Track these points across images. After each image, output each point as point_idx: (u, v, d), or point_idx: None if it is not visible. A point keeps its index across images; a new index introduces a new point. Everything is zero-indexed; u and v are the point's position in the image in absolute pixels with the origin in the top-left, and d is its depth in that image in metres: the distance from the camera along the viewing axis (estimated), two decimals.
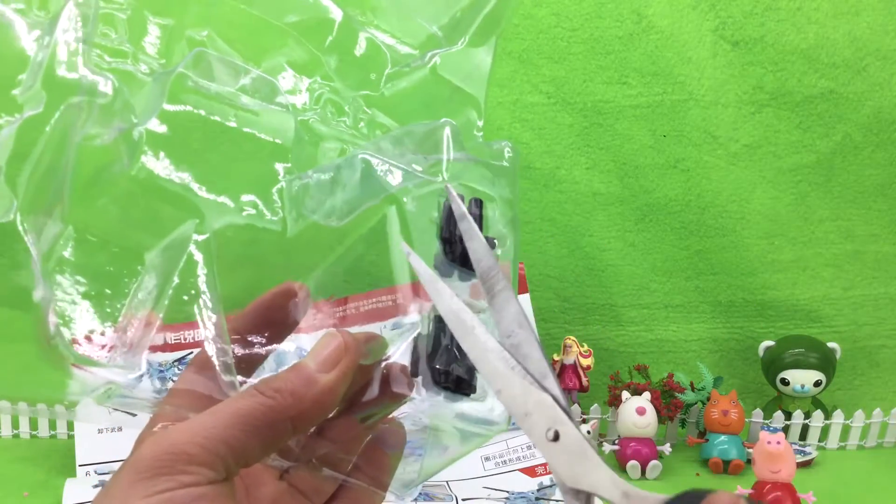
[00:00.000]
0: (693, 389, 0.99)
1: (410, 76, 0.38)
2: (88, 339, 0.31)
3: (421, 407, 0.34)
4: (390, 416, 0.36)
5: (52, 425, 1.00)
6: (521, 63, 1.08)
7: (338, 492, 0.37)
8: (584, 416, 0.99)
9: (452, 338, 0.32)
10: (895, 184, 1.09)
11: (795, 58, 1.06)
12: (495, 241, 0.35)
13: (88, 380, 0.31)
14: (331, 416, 0.33)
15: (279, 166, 0.34)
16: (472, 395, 0.33)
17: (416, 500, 0.79)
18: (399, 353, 0.33)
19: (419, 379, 0.33)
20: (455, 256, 0.33)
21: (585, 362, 1.02)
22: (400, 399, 0.34)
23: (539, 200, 1.10)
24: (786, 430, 1.01)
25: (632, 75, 1.08)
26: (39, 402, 0.89)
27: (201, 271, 0.32)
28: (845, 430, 1.03)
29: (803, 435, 1.03)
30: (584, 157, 1.10)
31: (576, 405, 1.00)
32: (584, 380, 1.02)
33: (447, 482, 0.86)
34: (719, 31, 1.07)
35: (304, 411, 0.30)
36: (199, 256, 0.32)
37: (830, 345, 1.04)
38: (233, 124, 0.34)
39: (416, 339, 0.33)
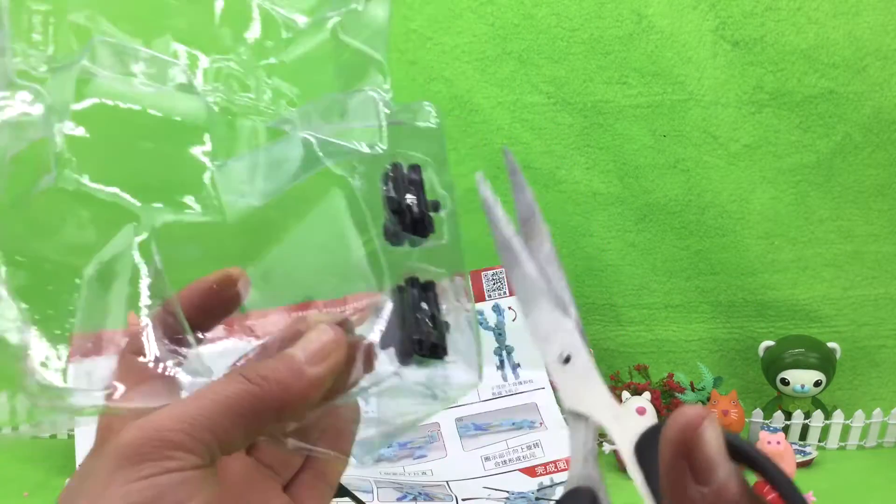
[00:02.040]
0: (693, 389, 0.99)
1: (309, 40, 0.37)
2: (43, 367, 0.30)
3: (386, 377, 0.34)
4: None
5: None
6: (521, 63, 1.08)
7: (304, 463, 0.37)
8: None
9: (416, 307, 0.32)
10: (895, 184, 1.09)
11: (795, 58, 1.06)
12: (438, 202, 0.35)
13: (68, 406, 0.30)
14: None
15: (201, 151, 0.33)
16: (444, 359, 0.33)
17: (416, 499, 0.79)
18: (375, 334, 0.33)
19: (390, 350, 0.33)
20: (406, 226, 0.33)
21: None
22: (367, 378, 0.34)
23: (539, 200, 1.10)
24: (786, 430, 1.01)
25: (632, 75, 1.08)
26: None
27: (147, 273, 0.31)
28: (845, 430, 1.03)
29: (803, 435, 1.03)
30: (584, 157, 1.10)
31: None
32: None
33: (447, 482, 0.86)
34: (719, 31, 1.07)
35: (290, 402, 0.30)
36: (142, 258, 0.31)
37: (830, 345, 1.04)
38: (147, 113, 0.32)
39: (385, 311, 0.33)
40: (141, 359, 0.31)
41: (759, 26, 1.06)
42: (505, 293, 1.03)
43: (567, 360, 0.31)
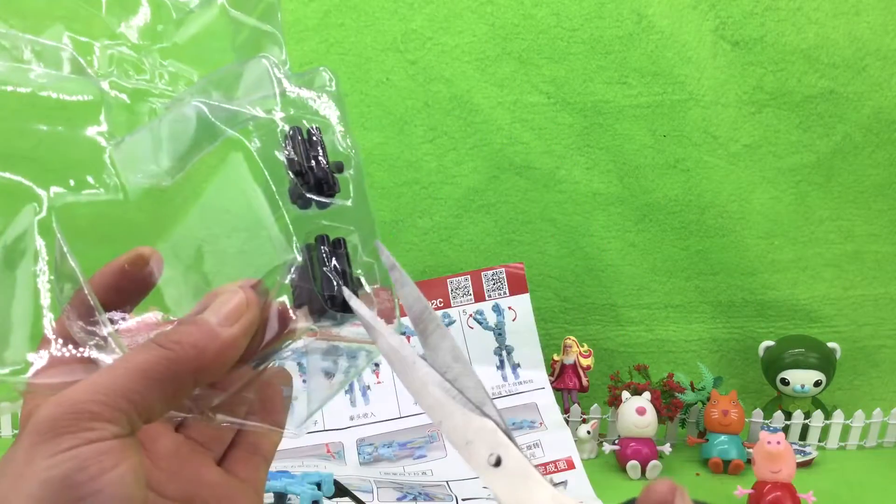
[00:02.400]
0: (693, 389, 1.00)
1: (199, 20, 0.37)
2: None
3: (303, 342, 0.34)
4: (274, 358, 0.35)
5: None
6: (521, 63, 1.08)
7: (236, 437, 0.37)
8: (585, 417, 0.99)
9: (325, 263, 0.33)
10: (895, 184, 1.09)
11: (795, 58, 1.06)
12: (342, 163, 0.35)
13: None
14: None
15: (97, 131, 0.33)
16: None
17: (416, 499, 0.79)
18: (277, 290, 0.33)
19: (304, 308, 0.33)
20: (310, 187, 0.33)
21: (585, 362, 1.02)
22: (287, 339, 0.34)
23: (539, 200, 1.10)
24: (786, 430, 1.01)
25: (632, 75, 1.08)
26: None
27: (51, 253, 0.31)
28: (845, 430, 1.03)
29: (803, 435, 1.03)
30: (584, 157, 1.10)
31: (576, 405, 1.00)
32: (584, 380, 1.02)
33: (447, 482, 0.86)
34: (719, 31, 1.07)
35: (206, 364, 0.30)
36: (44, 239, 0.30)
37: (830, 345, 1.04)
38: (38, 96, 0.32)
39: (296, 271, 0.33)
40: (56, 341, 0.30)
41: (759, 26, 1.06)
42: (505, 293, 1.03)
43: (497, 462, 0.29)
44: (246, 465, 0.37)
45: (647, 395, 0.95)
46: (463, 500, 0.81)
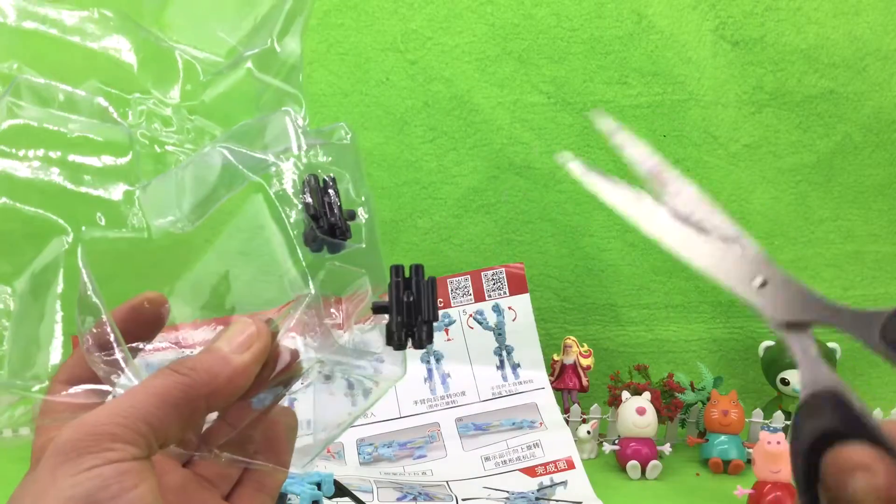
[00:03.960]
0: (693, 389, 1.00)
1: (226, 81, 0.39)
2: None
3: (312, 357, 0.35)
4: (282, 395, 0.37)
5: None
6: (521, 63, 1.08)
7: (243, 475, 0.38)
8: (585, 417, 0.99)
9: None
10: (895, 184, 1.09)
11: (795, 58, 1.06)
12: (354, 211, 0.37)
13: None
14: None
15: (126, 172, 0.35)
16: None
17: (416, 499, 0.79)
18: (291, 323, 0.34)
19: (311, 342, 0.34)
20: (324, 230, 0.35)
21: (585, 362, 1.02)
22: (294, 373, 0.35)
23: (539, 200, 1.10)
24: (786, 430, 1.01)
25: (632, 75, 1.08)
26: None
27: (76, 284, 0.32)
28: None
29: None
30: (584, 157, 1.10)
31: (576, 405, 1.00)
32: (584, 380, 1.02)
33: (447, 482, 0.86)
34: (719, 31, 1.07)
35: (219, 389, 0.31)
36: (70, 270, 0.33)
37: (830, 345, 1.04)
38: (70, 140, 0.34)
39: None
40: (74, 369, 0.32)
41: (759, 26, 1.06)
42: (505, 293, 1.03)
43: (763, 283, 0.34)
44: (251, 501, 0.38)
45: (647, 395, 0.95)
46: (463, 500, 0.81)
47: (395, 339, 0.35)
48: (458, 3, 1.07)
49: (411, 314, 0.35)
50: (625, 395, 0.95)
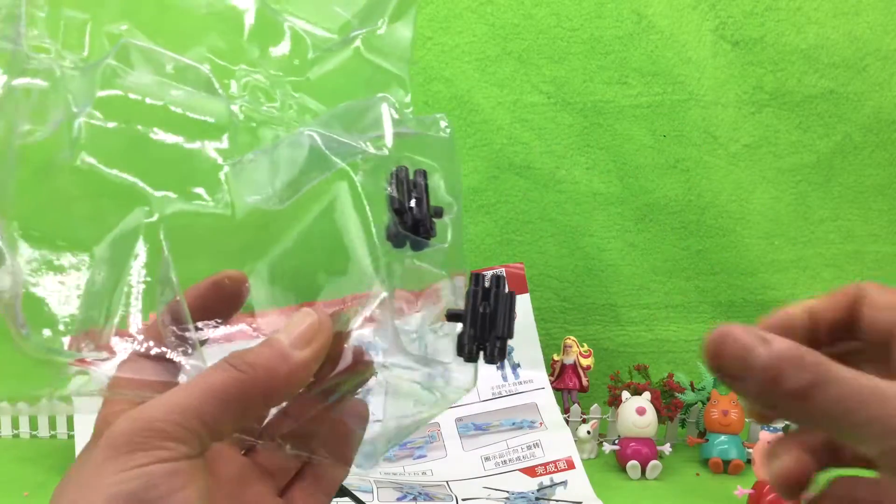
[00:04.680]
0: (693, 389, 0.99)
1: (334, 59, 0.38)
2: (50, 331, 0.31)
3: (383, 366, 0.34)
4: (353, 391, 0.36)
5: (53, 425, 1.00)
6: (521, 63, 1.08)
7: (301, 469, 0.37)
8: (584, 416, 0.99)
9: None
10: (895, 184, 1.09)
11: (795, 58, 1.06)
12: (441, 208, 0.36)
13: (65, 368, 0.31)
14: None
15: (218, 151, 0.34)
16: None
17: (416, 499, 0.79)
18: (359, 324, 0.34)
19: (380, 345, 0.34)
20: (407, 226, 0.34)
21: (585, 362, 1.02)
22: (361, 373, 0.34)
23: (539, 200, 1.10)
24: (786, 430, 1.01)
25: (632, 75, 1.08)
26: (35, 399, 0.89)
27: (154, 256, 0.32)
28: None
29: None
30: (584, 157, 1.10)
31: (576, 405, 1.00)
32: (584, 380, 1.02)
33: (447, 482, 0.86)
34: (719, 31, 1.07)
35: (277, 387, 0.30)
36: (150, 242, 0.32)
37: None
38: (168, 109, 0.34)
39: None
40: (142, 339, 0.32)
41: (759, 26, 1.06)
42: None
43: None
44: (308, 497, 0.37)
45: (647, 395, 0.95)
46: (463, 500, 0.81)
47: (466, 352, 0.33)
48: (458, 3, 1.07)
49: (485, 328, 0.33)
50: (625, 395, 0.95)
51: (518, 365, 1.00)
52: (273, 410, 0.34)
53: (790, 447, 0.32)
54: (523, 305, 1.02)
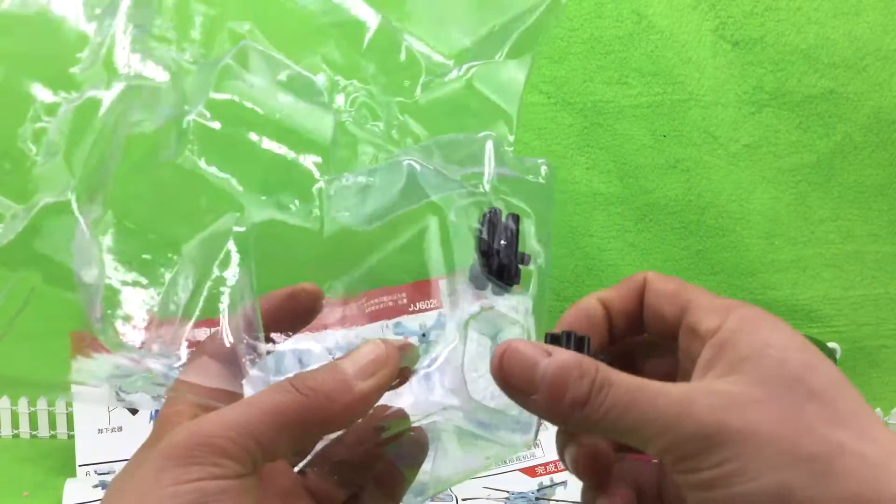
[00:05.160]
0: None
1: (446, 86, 0.38)
2: (125, 325, 0.31)
3: (441, 415, 0.34)
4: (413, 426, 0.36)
5: (53, 425, 1.00)
6: None
7: (347, 500, 0.37)
8: None
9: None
10: (895, 184, 1.09)
11: (795, 58, 1.06)
12: (528, 256, 0.35)
13: (124, 365, 0.31)
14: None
15: (316, 165, 0.35)
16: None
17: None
18: (432, 364, 0.34)
19: (445, 383, 0.34)
20: (492, 270, 0.34)
21: None
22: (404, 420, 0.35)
23: None
24: None
25: (632, 75, 1.08)
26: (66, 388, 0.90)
27: (239, 263, 0.32)
28: None
29: None
30: (584, 157, 1.10)
31: None
32: None
33: None
34: (719, 31, 1.07)
35: (336, 415, 0.30)
36: (237, 248, 0.33)
37: (830, 345, 1.04)
38: (276, 118, 0.34)
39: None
40: (216, 345, 0.32)
41: (759, 26, 1.06)
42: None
43: None
44: None
45: None
46: (463, 500, 0.81)
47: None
48: None
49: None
50: None
51: None
52: (331, 436, 0.34)
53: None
54: (523, 306, 1.02)
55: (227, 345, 0.32)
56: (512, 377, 0.30)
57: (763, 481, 0.26)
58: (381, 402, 0.33)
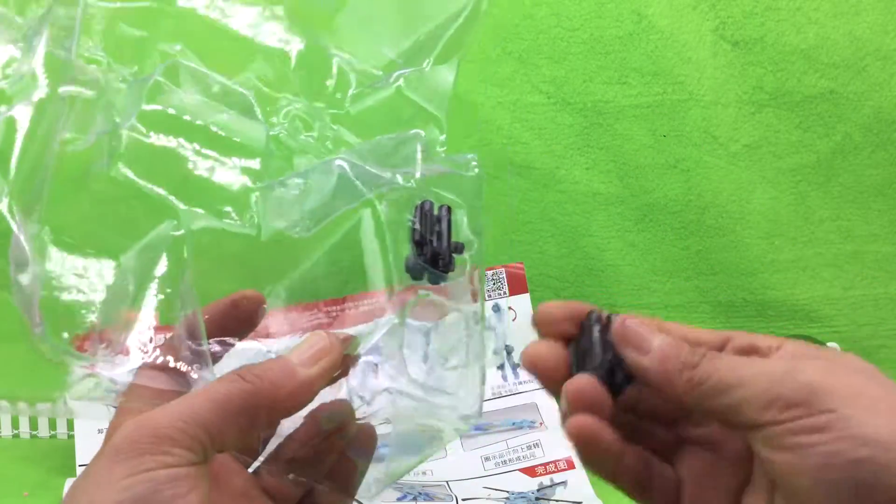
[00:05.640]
0: None
1: (376, 95, 0.40)
2: (68, 334, 0.32)
3: (389, 403, 0.35)
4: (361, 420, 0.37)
5: (52, 425, 0.99)
6: (521, 63, 1.08)
7: (304, 497, 0.38)
8: None
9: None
10: (895, 184, 1.09)
11: (795, 58, 1.06)
12: (462, 244, 0.37)
13: (73, 371, 0.32)
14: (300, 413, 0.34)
15: (251, 174, 0.35)
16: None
17: (416, 499, 0.79)
18: (368, 347, 0.35)
19: (387, 368, 0.34)
20: (427, 258, 0.35)
21: None
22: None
23: (539, 200, 1.10)
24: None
25: (632, 75, 1.08)
26: (38, 401, 0.89)
27: (177, 270, 0.33)
28: None
29: None
30: (584, 157, 1.10)
31: None
32: None
33: (447, 482, 0.86)
34: (719, 31, 1.07)
35: (280, 401, 0.31)
36: (175, 255, 0.33)
37: (830, 345, 1.04)
38: (209, 130, 0.35)
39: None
40: (160, 353, 0.33)
41: (759, 26, 1.06)
42: (505, 293, 1.03)
43: None
44: None
45: None
46: (463, 500, 0.81)
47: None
48: None
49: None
50: None
51: (518, 365, 1.00)
52: (284, 431, 0.35)
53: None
54: (523, 305, 1.02)
55: (170, 353, 0.33)
56: (632, 333, 0.33)
57: (877, 424, 0.28)
58: (327, 395, 0.34)
